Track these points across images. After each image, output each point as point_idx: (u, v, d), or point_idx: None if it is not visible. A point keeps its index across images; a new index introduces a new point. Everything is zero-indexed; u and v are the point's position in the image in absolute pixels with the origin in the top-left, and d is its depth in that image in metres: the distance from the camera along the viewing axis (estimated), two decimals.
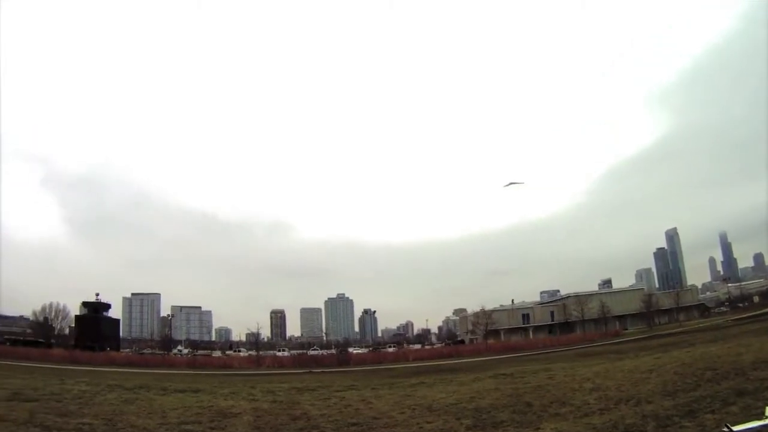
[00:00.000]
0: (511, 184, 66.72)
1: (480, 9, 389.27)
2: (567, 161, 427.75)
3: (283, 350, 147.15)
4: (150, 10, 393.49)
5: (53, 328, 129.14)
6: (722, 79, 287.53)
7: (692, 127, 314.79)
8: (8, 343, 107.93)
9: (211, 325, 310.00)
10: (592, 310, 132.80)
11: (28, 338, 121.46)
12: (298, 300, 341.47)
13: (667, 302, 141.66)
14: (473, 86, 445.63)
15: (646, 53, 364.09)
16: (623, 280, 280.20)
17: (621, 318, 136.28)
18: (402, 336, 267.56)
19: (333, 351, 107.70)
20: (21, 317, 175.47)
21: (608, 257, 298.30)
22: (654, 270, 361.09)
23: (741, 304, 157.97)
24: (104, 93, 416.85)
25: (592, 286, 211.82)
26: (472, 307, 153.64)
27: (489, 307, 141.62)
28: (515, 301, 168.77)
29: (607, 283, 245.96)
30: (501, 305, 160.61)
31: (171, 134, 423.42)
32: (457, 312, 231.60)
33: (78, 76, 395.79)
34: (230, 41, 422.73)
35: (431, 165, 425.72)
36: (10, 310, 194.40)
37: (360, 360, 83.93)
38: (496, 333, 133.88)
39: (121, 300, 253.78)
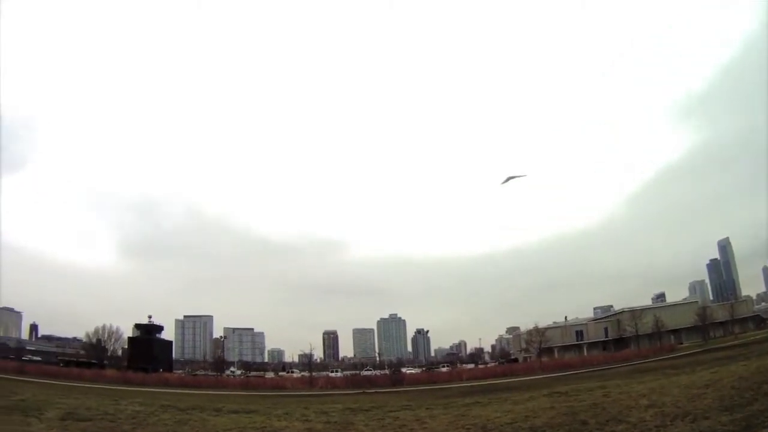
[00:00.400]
0: (511, 179, 56.03)
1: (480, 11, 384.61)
2: (612, 169, 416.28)
3: (336, 371, 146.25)
4: (197, 34, 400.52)
5: (106, 350, 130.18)
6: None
7: (734, 131, 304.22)
8: (62, 364, 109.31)
9: (264, 347, 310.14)
10: (646, 325, 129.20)
11: (81, 359, 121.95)
12: (351, 320, 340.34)
13: (721, 315, 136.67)
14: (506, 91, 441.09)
15: (675, 57, 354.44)
16: (677, 293, 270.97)
17: (675, 332, 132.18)
18: (455, 355, 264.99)
19: (386, 371, 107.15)
20: (74, 339, 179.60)
21: (661, 270, 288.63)
22: (707, 282, 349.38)
23: None
24: (153, 114, 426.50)
25: (646, 301, 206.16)
26: (525, 325, 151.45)
27: (542, 324, 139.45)
28: (569, 318, 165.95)
29: (661, 296, 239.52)
30: (554, 322, 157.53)
31: (222, 155, 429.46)
32: (510, 330, 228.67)
33: (129, 99, 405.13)
34: (269, 60, 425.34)
35: (469, 176, 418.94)
36: (64, 332, 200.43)
37: (413, 380, 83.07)
38: (549, 351, 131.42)
39: (173, 322, 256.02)
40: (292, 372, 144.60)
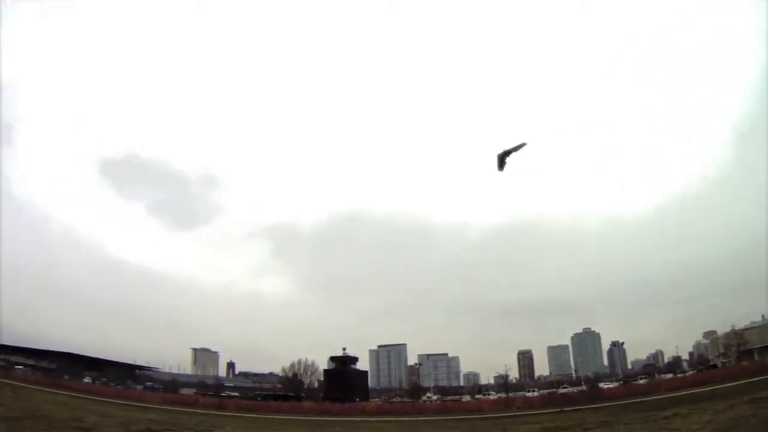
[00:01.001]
0: (506, 155, 38.35)
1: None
2: None
3: (533, 390, 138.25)
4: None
5: (302, 383, 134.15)
6: None
7: None
8: (259, 398, 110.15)
9: (459, 371, 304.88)
10: None
11: (278, 393, 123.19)
12: (544, 338, 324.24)
13: None
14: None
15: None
16: None
17: None
18: (652, 366, 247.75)
19: (583, 387, 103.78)
20: (270, 374, 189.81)
21: None
22: None
23: None
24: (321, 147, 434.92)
25: None
26: (722, 328, 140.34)
27: (740, 325, 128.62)
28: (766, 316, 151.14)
29: None
30: (752, 322, 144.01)
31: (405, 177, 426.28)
32: (707, 335, 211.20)
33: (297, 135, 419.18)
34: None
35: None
36: (259, 368, 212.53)
37: (611, 394, 78.66)
38: (749, 353, 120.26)
39: (367, 352, 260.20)
40: (489, 394, 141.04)
